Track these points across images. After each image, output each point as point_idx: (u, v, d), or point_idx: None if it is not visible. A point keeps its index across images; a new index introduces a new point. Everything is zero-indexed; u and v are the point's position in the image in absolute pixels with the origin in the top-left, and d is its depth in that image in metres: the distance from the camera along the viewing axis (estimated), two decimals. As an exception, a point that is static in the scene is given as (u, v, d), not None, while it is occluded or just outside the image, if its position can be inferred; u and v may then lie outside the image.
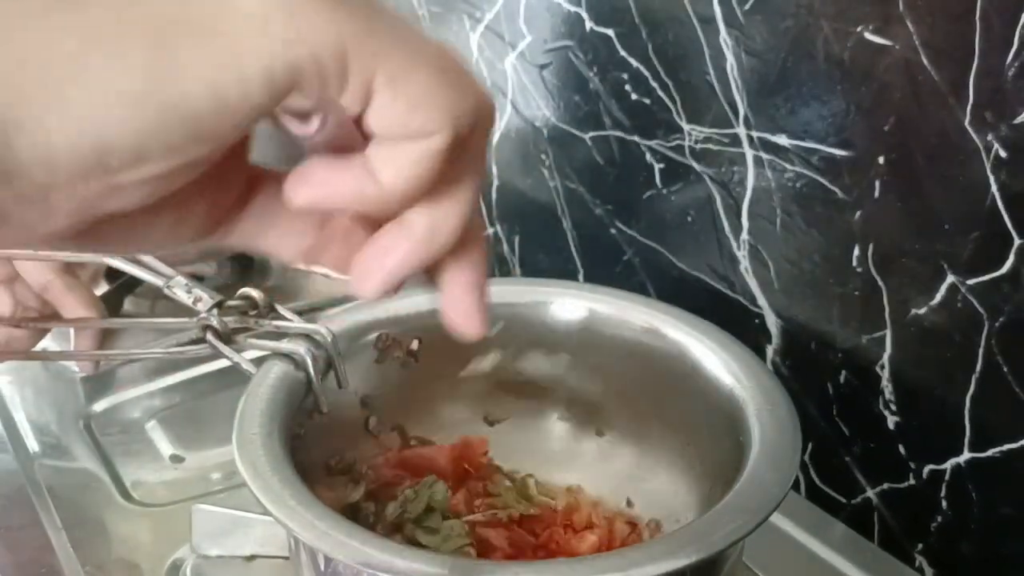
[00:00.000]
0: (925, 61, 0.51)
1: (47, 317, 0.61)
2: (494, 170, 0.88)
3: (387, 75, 0.25)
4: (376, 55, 0.24)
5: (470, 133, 0.26)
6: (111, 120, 0.23)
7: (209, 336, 0.51)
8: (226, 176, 0.27)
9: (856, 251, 0.57)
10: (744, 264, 0.65)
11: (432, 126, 0.25)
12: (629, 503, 0.56)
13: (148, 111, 0.23)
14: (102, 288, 0.78)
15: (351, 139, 0.27)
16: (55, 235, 0.24)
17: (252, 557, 0.55)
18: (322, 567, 0.44)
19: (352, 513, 0.51)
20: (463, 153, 0.26)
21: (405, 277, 0.28)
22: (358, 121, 0.26)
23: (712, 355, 0.52)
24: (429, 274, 0.30)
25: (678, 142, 0.67)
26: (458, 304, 0.30)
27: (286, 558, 0.54)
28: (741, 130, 0.62)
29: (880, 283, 0.57)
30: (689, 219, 0.69)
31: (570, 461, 0.58)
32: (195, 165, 0.24)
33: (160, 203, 0.25)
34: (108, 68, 0.23)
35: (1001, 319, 0.51)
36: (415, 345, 0.56)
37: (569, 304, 0.57)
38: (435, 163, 0.26)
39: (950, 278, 0.53)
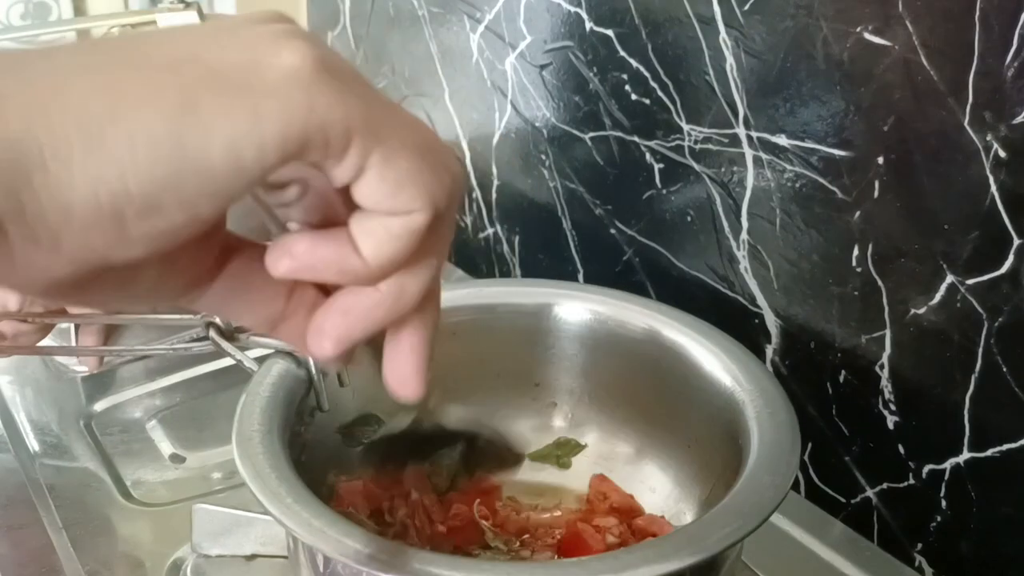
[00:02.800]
0: (924, 61, 0.51)
1: (52, 312, 0.62)
2: (494, 170, 0.88)
3: (382, 155, 0.26)
4: (376, 135, 0.26)
5: (446, 208, 0.28)
6: (132, 168, 0.23)
7: (212, 333, 0.51)
8: (209, 239, 0.28)
9: (856, 251, 0.57)
10: (744, 264, 0.65)
11: (415, 204, 0.27)
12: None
13: (168, 163, 0.24)
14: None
15: (325, 210, 0.28)
16: (55, 283, 0.25)
17: (253, 556, 0.55)
18: (320, 566, 0.44)
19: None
20: (437, 225, 0.28)
21: (362, 339, 0.29)
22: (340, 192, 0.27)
23: (712, 357, 0.52)
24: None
25: (678, 142, 0.67)
26: (400, 366, 0.31)
27: (286, 557, 0.54)
28: (741, 130, 0.62)
29: (879, 283, 0.57)
30: (689, 219, 0.69)
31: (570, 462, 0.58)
32: (201, 222, 0.25)
33: (148, 260, 0.26)
34: (135, 118, 0.23)
35: (1000, 319, 0.51)
36: None
37: (571, 306, 0.57)
38: (415, 238, 0.28)
39: (949, 278, 0.53)
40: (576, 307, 0.57)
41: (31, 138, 0.23)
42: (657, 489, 0.55)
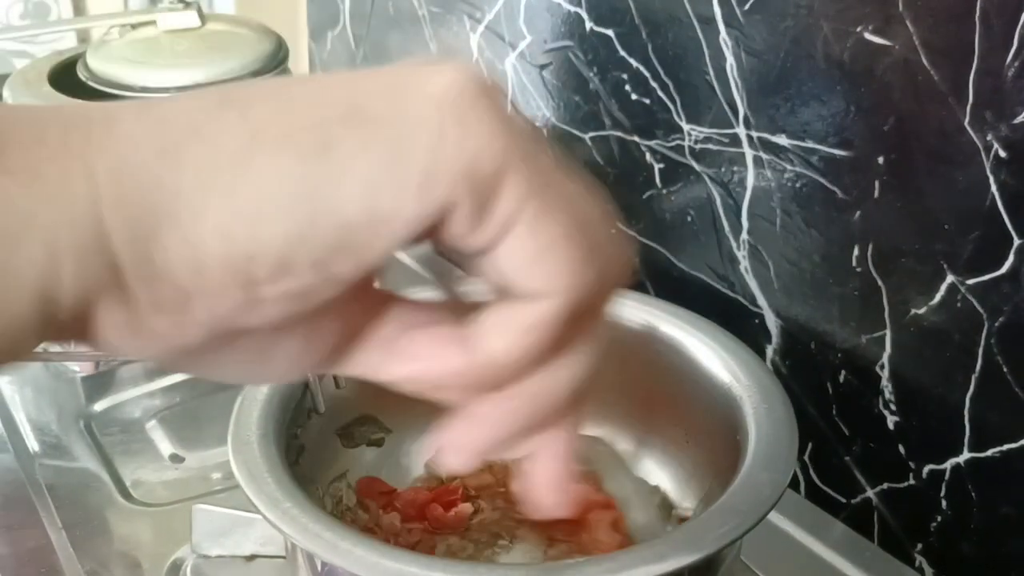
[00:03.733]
0: (925, 61, 0.51)
1: None
2: (494, 170, 0.88)
3: (534, 210, 0.22)
4: (531, 183, 0.22)
5: (596, 297, 0.24)
6: (263, 224, 0.21)
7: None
8: (359, 298, 0.25)
9: (856, 251, 0.57)
10: (744, 264, 0.65)
11: (552, 284, 0.23)
12: None
13: (300, 216, 0.21)
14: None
15: None
16: (182, 350, 0.22)
17: (252, 557, 0.55)
18: (318, 569, 0.43)
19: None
20: (587, 316, 0.24)
21: (499, 449, 0.26)
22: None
23: (710, 353, 0.52)
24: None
25: (678, 142, 0.67)
26: (543, 474, 0.26)
27: (286, 557, 0.54)
28: (741, 130, 0.62)
29: (880, 283, 0.57)
30: (689, 219, 0.69)
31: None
32: (338, 282, 0.22)
33: (292, 325, 0.23)
34: (268, 168, 0.21)
35: (1001, 319, 0.51)
36: None
37: None
38: (550, 331, 0.23)
39: (950, 278, 0.53)
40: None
41: (162, 183, 0.20)
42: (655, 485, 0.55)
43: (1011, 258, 0.50)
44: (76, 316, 0.21)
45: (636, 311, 0.56)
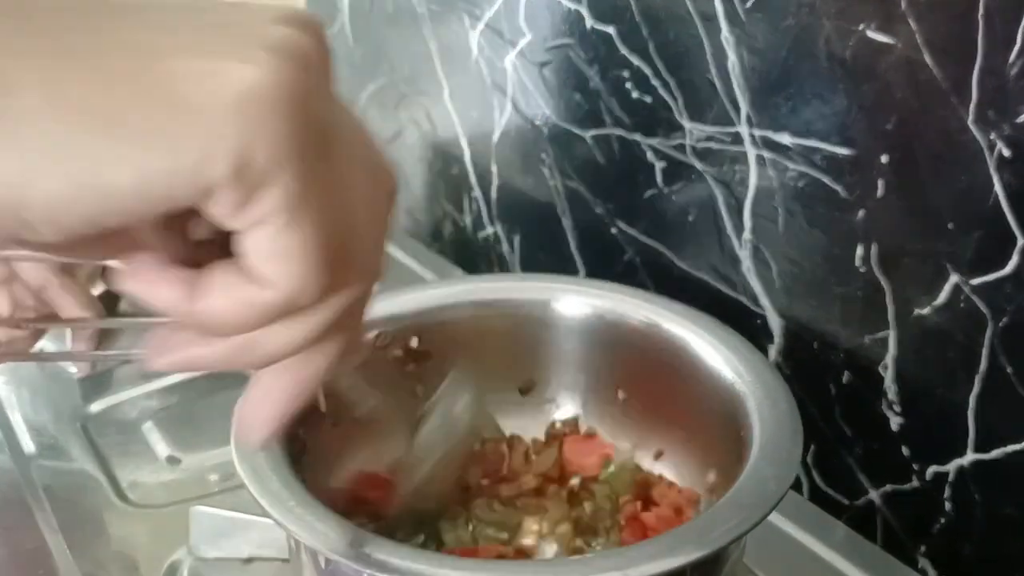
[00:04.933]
0: (927, 59, 0.51)
1: (45, 317, 0.61)
2: (494, 169, 0.88)
3: (287, 219, 0.25)
4: (298, 196, 0.25)
5: (342, 299, 0.27)
6: (39, 181, 0.23)
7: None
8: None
9: (859, 251, 0.57)
10: (746, 264, 0.65)
11: (281, 283, 0.26)
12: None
13: (74, 181, 0.23)
14: (99, 288, 0.77)
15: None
16: None
17: (250, 559, 0.55)
18: (323, 568, 0.43)
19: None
20: (346, 313, 0.28)
21: (199, 368, 0.29)
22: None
23: (712, 350, 0.52)
24: None
25: (679, 141, 0.67)
26: (250, 407, 0.30)
27: (284, 560, 0.54)
28: (743, 129, 0.62)
29: (883, 283, 0.56)
30: (690, 218, 0.68)
31: (569, 455, 0.58)
32: (109, 230, 0.24)
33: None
34: (55, 133, 0.23)
35: (1004, 319, 0.51)
36: (414, 343, 0.55)
37: (570, 300, 0.57)
38: (263, 315, 0.26)
39: (953, 278, 0.52)
40: (575, 301, 0.57)
41: None
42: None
43: (1015, 258, 0.49)
44: None
45: (638, 309, 0.55)
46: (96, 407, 0.71)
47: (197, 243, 0.28)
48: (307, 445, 0.50)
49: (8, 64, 0.23)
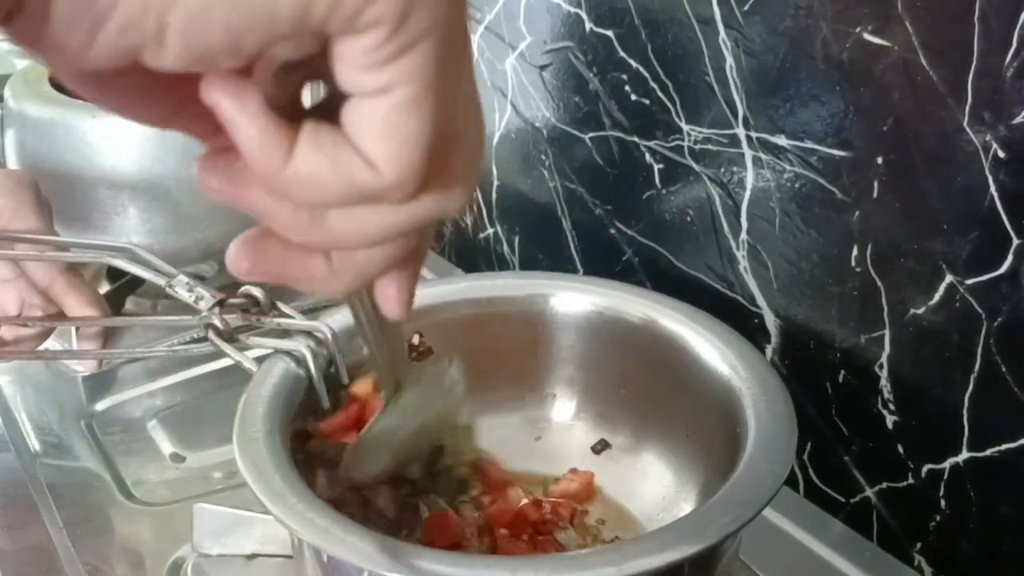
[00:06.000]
0: (924, 62, 0.51)
1: (51, 316, 0.62)
2: (494, 170, 0.88)
3: (421, 97, 0.24)
4: (438, 77, 0.24)
5: (418, 207, 0.26)
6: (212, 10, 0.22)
7: (211, 334, 0.51)
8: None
9: (855, 251, 0.58)
10: (743, 264, 0.65)
11: (386, 167, 0.25)
12: None
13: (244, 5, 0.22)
14: (104, 287, 0.78)
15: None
16: (88, 66, 0.23)
17: (253, 556, 0.55)
18: (325, 566, 0.44)
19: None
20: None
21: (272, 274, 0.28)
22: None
23: (709, 346, 0.52)
24: None
25: (677, 142, 0.67)
26: (390, 290, 0.31)
27: (287, 557, 0.54)
28: (740, 130, 0.62)
29: (879, 283, 0.57)
30: (688, 219, 0.69)
31: (569, 452, 0.58)
32: (242, 57, 0.23)
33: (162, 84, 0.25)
34: None
35: (999, 319, 0.51)
36: (416, 339, 0.56)
37: (569, 297, 0.57)
38: (350, 193, 0.25)
39: (949, 278, 0.53)
40: (574, 298, 0.57)
41: None
42: (655, 477, 0.56)
43: (1010, 258, 0.50)
44: None
45: (636, 305, 0.56)
46: (101, 406, 0.71)
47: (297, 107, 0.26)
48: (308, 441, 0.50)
49: None
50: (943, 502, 0.56)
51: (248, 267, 0.27)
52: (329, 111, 0.25)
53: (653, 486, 0.55)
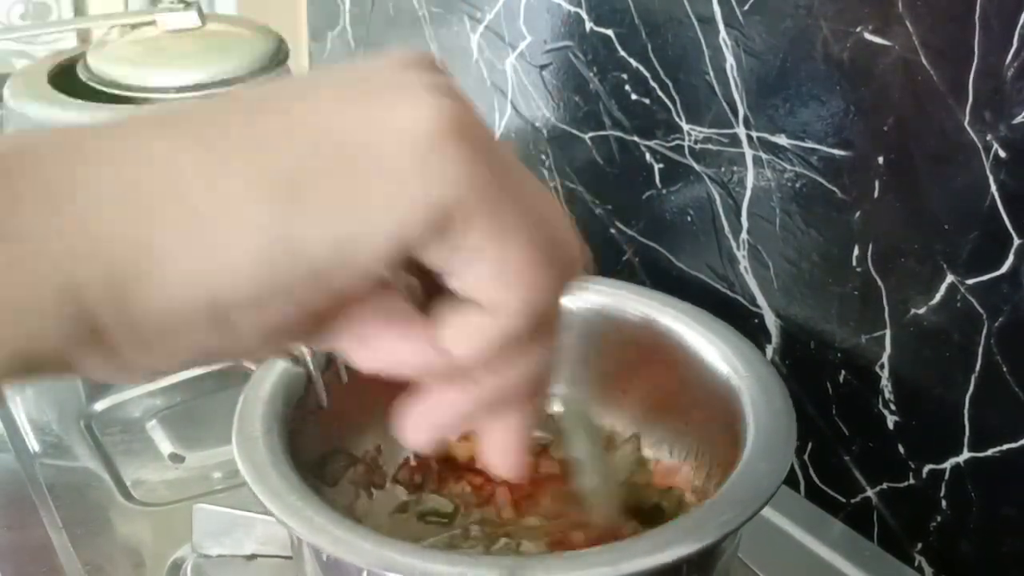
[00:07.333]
0: (924, 61, 0.51)
1: None
2: (494, 170, 0.88)
3: (498, 243, 0.24)
4: (494, 212, 0.24)
5: (555, 296, 0.26)
6: (237, 272, 0.22)
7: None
8: None
9: (856, 251, 0.57)
10: (743, 264, 0.65)
11: (513, 305, 0.25)
12: None
13: (270, 263, 0.22)
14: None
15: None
16: (160, 370, 0.24)
17: (253, 556, 0.55)
18: (325, 564, 0.44)
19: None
20: (547, 313, 0.26)
21: (456, 430, 0.28)
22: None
23: (708, 344, 0.52)
24: None
25: (678, 142, 0.67)
26: (499, 442, 0.29)
27: (287, 557, 0.54)
28: (741, 130, 0.62)
29: (879, 283, 0.57)
30: (688, 219, 0.69)
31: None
32: (308, 311, 0.23)
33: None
34: (240, 221, 0.22)
35: (1000, 319, 0.51)
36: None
37: (568, 296, 0.57)
38: (510, 342, 0.25)
39: (949, 278, 0.53)
40: (573, 297, 0.57)
41: (138, 242, 0.22)
42: (655, 476, 0.55)
43: (1011, 258, 0.50)
44: (55, 361, 0.22)
45: (635, 304, 0.56)
46: (100, 406, 0.71)
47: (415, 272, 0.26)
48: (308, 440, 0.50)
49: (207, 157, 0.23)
50: (944, 502, 0.56)
51: (372, 361, 0.26)
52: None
53: (652, 486, 0.55)
